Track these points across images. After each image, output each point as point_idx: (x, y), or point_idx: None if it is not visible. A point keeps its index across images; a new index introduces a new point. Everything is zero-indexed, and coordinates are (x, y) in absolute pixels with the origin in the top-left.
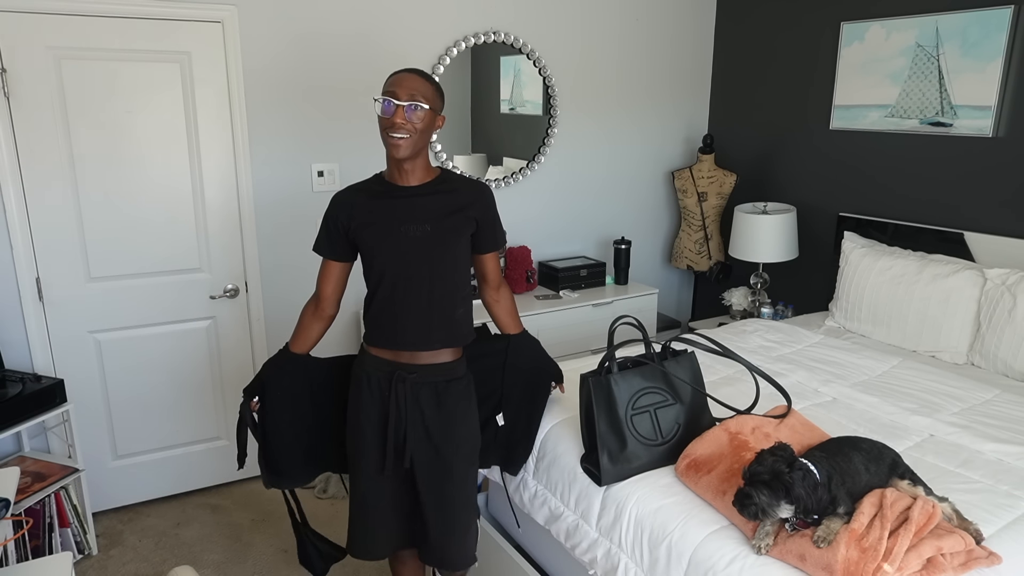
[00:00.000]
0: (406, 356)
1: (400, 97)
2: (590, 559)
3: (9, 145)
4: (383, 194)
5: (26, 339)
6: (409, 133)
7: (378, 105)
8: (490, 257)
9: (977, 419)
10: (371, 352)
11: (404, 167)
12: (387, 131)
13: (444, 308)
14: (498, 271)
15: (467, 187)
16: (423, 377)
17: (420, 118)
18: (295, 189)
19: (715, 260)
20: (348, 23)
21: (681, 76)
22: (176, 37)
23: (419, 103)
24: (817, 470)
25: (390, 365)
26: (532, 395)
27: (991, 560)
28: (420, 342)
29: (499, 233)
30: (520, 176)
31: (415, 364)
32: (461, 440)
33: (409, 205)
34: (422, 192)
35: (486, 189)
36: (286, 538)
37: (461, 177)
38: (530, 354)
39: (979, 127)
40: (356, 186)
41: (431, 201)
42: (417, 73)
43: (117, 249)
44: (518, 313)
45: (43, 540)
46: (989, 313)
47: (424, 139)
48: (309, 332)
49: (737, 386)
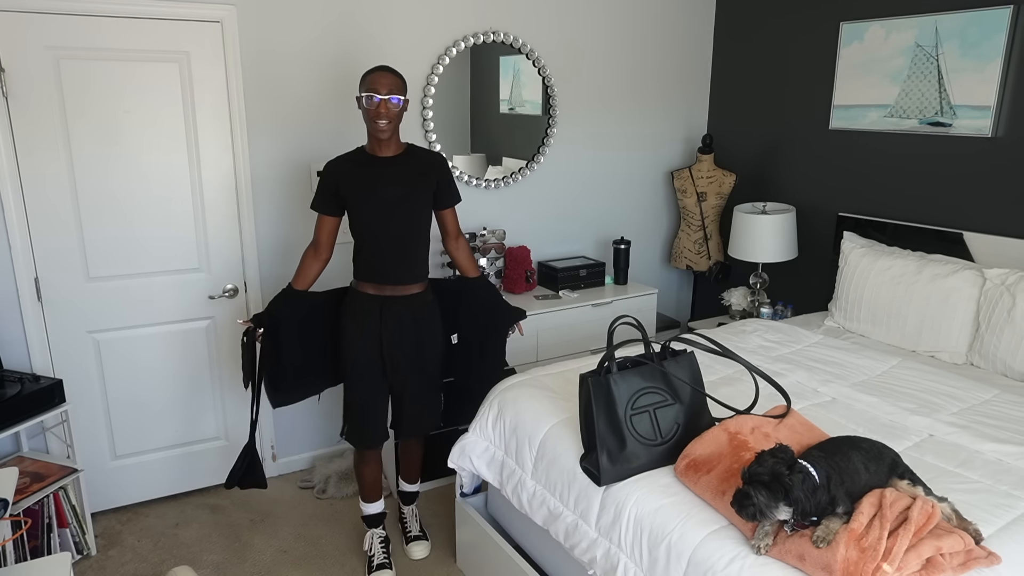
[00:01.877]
0: (389, 290)
1: (381, 92)
2: (589, 559)
3: (8, 145)
4: (365, 163)
5: (25, 339)
6: (390, 119)
7: (363, 100)
8: (448, 212)
9: (976, 419)
10: (360, 290)
11: (383, 143)
12: (373, 119)
13: (413, 251)
14: (456, 223)
15: (428, 157)
16: (404, 305)
17: (397, 106)
18: (294, 189)
19: (714, 260)
20: (348, 23)
21: (680, 76)
22: (175, 37)
23: (395, 95)
24: (816, 472)
25: (378, 299)
26: (485, 327)
27: (990, 560)
28: (398, 278)
29: (455, 192)
30: (519, 176)
31: (397, 296)
32: (433, 344)
33: (386, 172)
34: (395, 162)
35: (442, 157)
36: (285, 538)
37: (422, 149)
38: (484, 295)
39: (978, 127)
40: (344, 156)
41: (402, 169)
42: (389, 71)
43: (116, 249)
44: (475, 261)
45: (42, 540)
46: (988, 313)
47: (399, 120)
48: (309, 271)
49: (736, 386)
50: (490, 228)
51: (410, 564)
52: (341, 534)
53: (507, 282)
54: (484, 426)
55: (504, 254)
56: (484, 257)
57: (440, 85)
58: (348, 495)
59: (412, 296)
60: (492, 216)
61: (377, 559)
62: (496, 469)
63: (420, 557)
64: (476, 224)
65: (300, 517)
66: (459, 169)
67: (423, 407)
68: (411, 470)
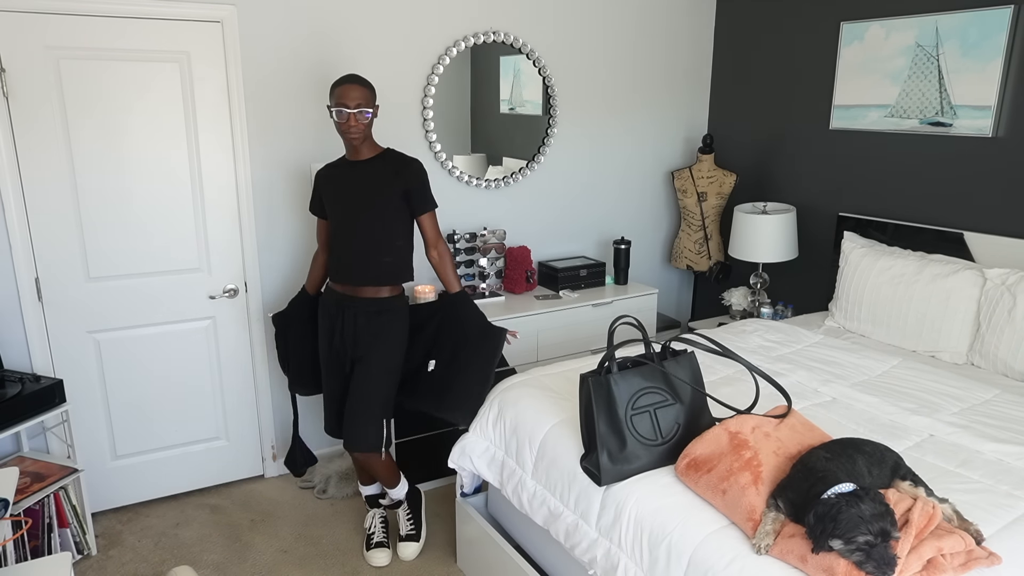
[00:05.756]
0: (349, 289)
1: (349, 106)
2: (590, 559)
3: (8, 145)
4: (341, 168)
5: (25, 339)
6: (359, 130)
7: (333, 113)
8: (425, 218)
9: (977, 419)
10: (330, 286)
11: (355, 148)
12: (344, 132)
13: (371, 254)
14: (433, 231)
15: (400, 162)
16: (361, 307)
17: (366, 119)
18: (294, 189)
19: (715, 260)
20: (347, 22)
21: (681, 76)
22: (175, 37)
23: (364, 108)
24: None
25: (340, 296)
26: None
27: (991, 560)
28: (356, 279)
29: (427, 199)
30: (520, 176)
31: (356, 297)
32: (382, 353)
33: (354, 175)
34: (366, 167)
35: (415, 162)
36: (285, 538)
37: (399, 154)
38: (463, 313)
39: (979, 127)
40: (330, 163)
41: (372, 173)
42: (357, 82)
43: (116, 249)
44: (456, 272)
45: (42, 540)
46: (989, 313)
47: (369, 129)
48: (313, 273)
49: (737, 386)
50: (490, 228)
51: (410, 564)
52: (341, 534)
53: (507, 282)
54: (484, 426)
55: (504, 254)
56: (484, 257)
57: (440, 85)
58: (348, 495)
59: (372, 300)
60: (492, 216)
61: (376, 537)
62: (496, 469)
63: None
64: (476, 224)
65: (300, 517)
66: (459, 169)
67: (355, 417)
68: (374, 477)
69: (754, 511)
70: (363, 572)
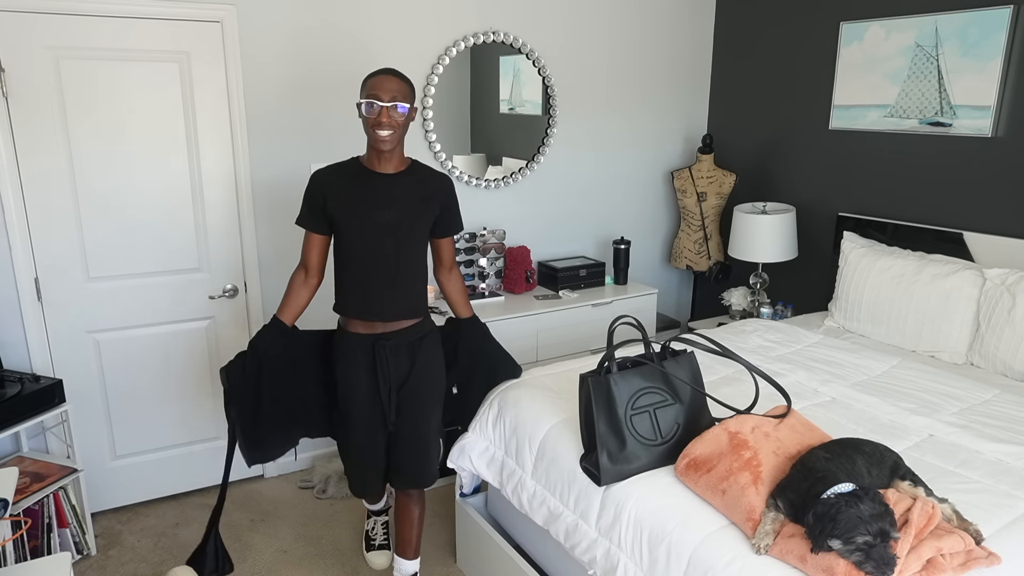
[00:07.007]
0: (380, 327)
1: (383, 99)
2: (589, 559)
3: (7, 145)
4: (360, 178)
5: (25, 339)
6: (393, 129)
7: (363, 107)
8: (446, 241)
9: (976, 419)
10: (349, 330)
11: (384, 156)
12: (374, 128)
13: (407, 283)
14: (452, 254)
15: (433, 177)
16: (399, 341)
17: (401, 115)
18: (294, 189)
19: (714, 260)
20: (347, 23)
21: (680, 76)
22: (175, 37)
23: (400, 103)
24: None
25: (369, 338)
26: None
27: (990, 560)
28: (388, 313)
29: (457, 220)
30: (519, 176)
31: (389, 332)
32: (433, 381)
33: (382, 191)
34: (395, 181)
35: (448, 180)
36: (285, 538)
37: (428, 168)
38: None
39: (978, 127)
40: (335, 166)
41: (402, 189)
42: (394, 74)
43: (116, 249)
44: (467, 296)
45: (42, 540)
46: (988, 313)
47: (404, 132)
48: (297, 299)
49: (737, 386)
50: (490, 228)
51: None
52: (341, 534)
53: (507, 282)
54: (484, 426)
55: (504, 254)
56: (484, 257)
57: (440, 85)
58: (348, 495)
59: (407, 330)
60: (492, 216)
61: (378, 540)
62: (496, 469)
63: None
64: (476, 224)
65: (300, 517)
66: (459, 169)
67: (419, 453)
68: (409, 537)
69: (754, 511)
70: (363, 572)
